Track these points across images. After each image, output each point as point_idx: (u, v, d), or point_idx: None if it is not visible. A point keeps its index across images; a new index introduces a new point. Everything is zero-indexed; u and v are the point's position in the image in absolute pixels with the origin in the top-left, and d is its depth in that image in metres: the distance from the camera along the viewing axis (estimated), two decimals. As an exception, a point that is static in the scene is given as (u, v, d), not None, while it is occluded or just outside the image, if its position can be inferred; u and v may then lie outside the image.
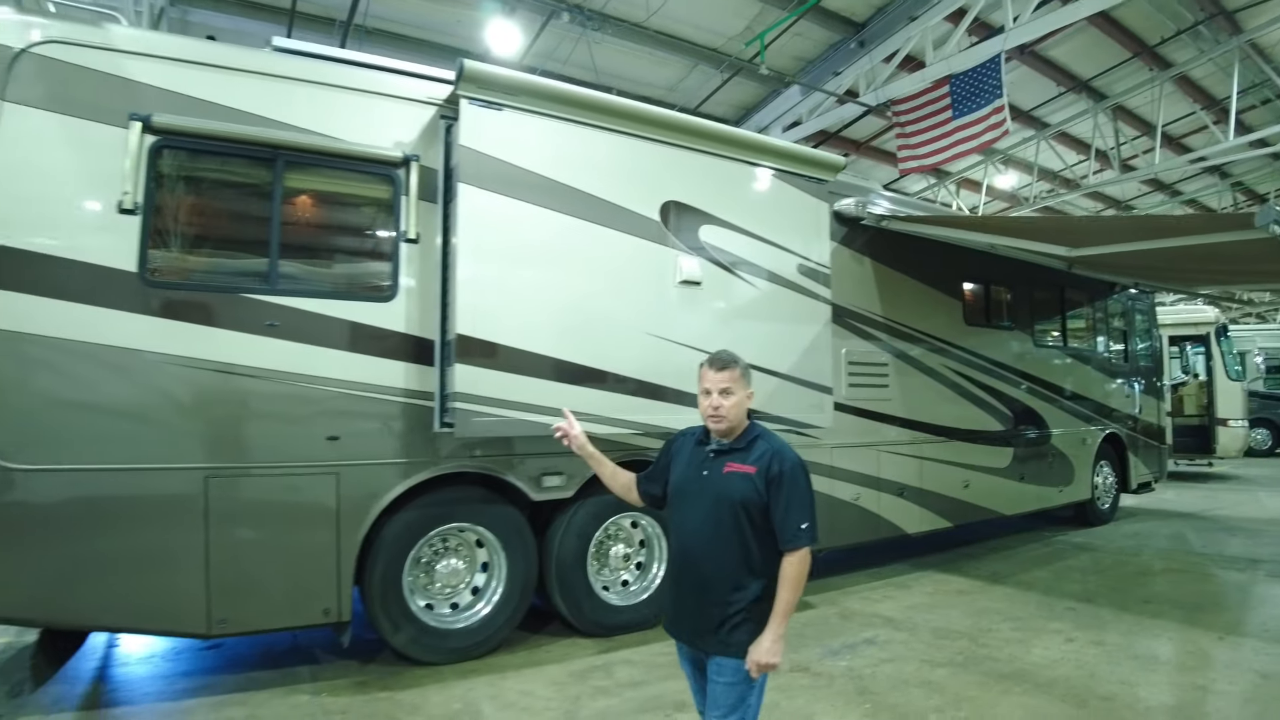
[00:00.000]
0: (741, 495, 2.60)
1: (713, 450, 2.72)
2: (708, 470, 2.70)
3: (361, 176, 4.64)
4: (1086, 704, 4.36)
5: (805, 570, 2.57)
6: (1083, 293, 9.92)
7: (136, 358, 3.98)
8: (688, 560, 2.69)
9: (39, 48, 3.93)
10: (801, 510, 2.58)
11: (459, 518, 4.84)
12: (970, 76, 10.56)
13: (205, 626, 4.11)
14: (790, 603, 2.54)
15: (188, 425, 4.09)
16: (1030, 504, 8.86)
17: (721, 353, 2.77)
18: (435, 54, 10.37)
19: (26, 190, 3.85)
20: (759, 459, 2.63)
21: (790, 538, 2.56)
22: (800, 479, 2.62)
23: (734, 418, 2.68)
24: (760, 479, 2.59)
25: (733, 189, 5.48)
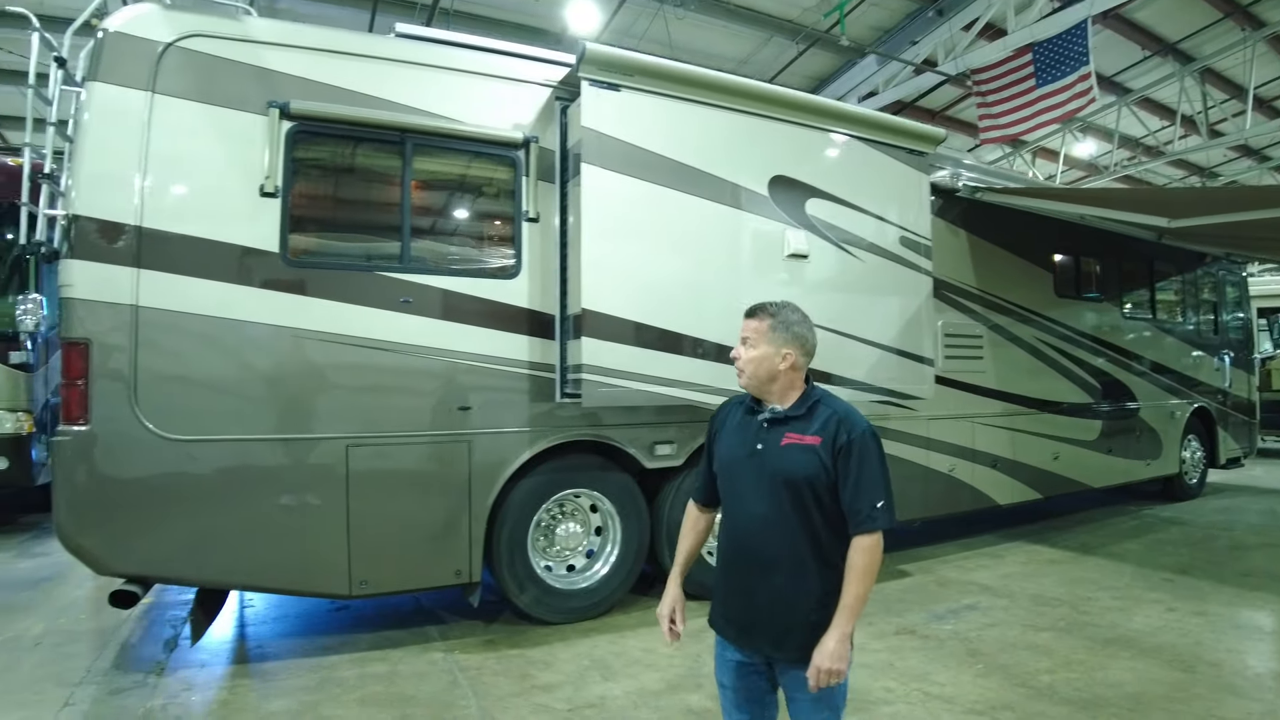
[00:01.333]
0: (805, 472, 2.20)
1: (766, 419, 2.33)
2: (762, 443, 2.30)
3: (485, 159, 4.84)
4: (1194, 669, 4.41)
5: (878, 559, 2.19)
6: (1172, 264, 9.72)
7: (280, 333, 4.24)
8: (745, 552, 2.29)
9: (184, 41, 4.18)
10: (875, 486, 2.18)
11: (578, 484, 5.05)
12: (1054, 44, 10.33)
13: (347, 588, 4.39)
14: (860, 597, 2.15)
15: (329, 397, 4.35)
16: (1118, 477, 8.79)
17: (762, 302, 2.42)
18: (516, 34, 10.50)
19: (177, 177, 4.12)
20: (823, 427, 2.24)
21: (864, 518, 2.17)
22: (872, 449, 2.22)
23: (756, 373, 2.32)
24: (826, 451, 2.21)
25: (837, 162, 5.54)
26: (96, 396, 3.93)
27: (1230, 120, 15.08)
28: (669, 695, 4.02)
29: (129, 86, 4.06)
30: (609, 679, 4.21)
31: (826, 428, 2.24)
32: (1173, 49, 13.54)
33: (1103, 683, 4.26)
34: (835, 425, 2.23)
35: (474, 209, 5.05)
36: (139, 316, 3.99)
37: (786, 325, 2.34)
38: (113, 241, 3.98)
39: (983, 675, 4.34)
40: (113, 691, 4.10)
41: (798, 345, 2.33)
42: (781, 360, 2.31)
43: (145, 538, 4.03)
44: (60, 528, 3.96)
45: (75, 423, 3.91)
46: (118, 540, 4.01)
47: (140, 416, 3.97)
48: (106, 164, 4.03)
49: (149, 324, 4.00)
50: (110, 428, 3.94)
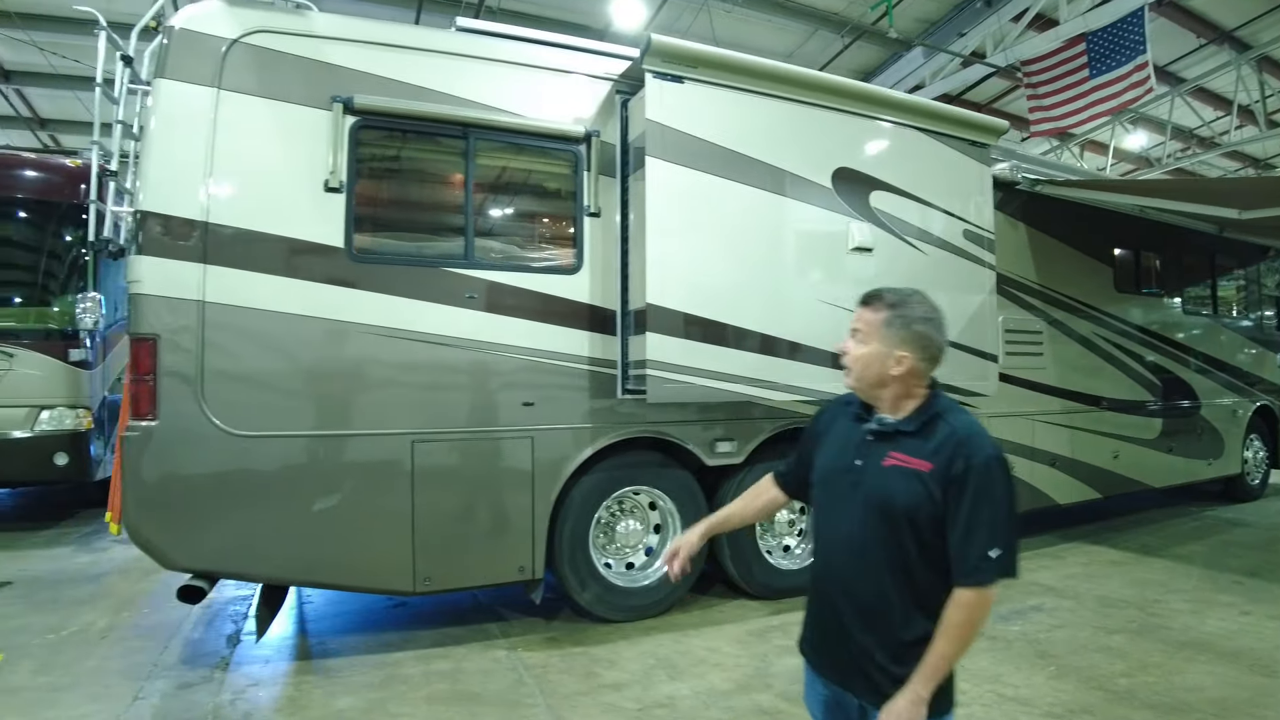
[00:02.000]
0: (905, 501, 1.84)
1: (872, 431, 1.97)
2: (863, 459, 1.95)
3: (546, 153, 4.80)
4: (1276, 673, 4.28)
5: (980, 618, 1.79)
6: (1233, 258, 9.45)
7: (345, 329, 4.24)
8: (831, 582, 2.00)
9: (249, 37, 4.19)
10: (991, 529, 1.77)
11: (638, 481, 5.00)
12: (1109, 33, 10.08)
13: (411, 584, 4.37)
14: (946, 658, 1.78)
15: (394, 393, 4.33)
16: (1178, 477, 8.55)
17: (882, 288, 2.04)
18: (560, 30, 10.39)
19: (243, 173, 4.12)
20: (937, 450, 1.84)
21: (970, 568, 1.78)
22: (996, 482, 1.79)
23: (862, 374, 1.97)
24: (936, 480, 1.82)
25: (900, 154, 5.42)
26: (164, 392, 3.95)
27: (1289, 110, 14.66)
28: (739, 695, 3.95)
29: (195, 83, 4.08)
30: (676, 678, 4.15)
31: (941, 451, 1.83)
32: (1229, 36, 13.16)
33: (1182, 687, 4.14)
34: (953, 449, 1.82)
35: (536, 204, 5.02)
36: (205, 312, 4.01)
37: (906, 321, 1.92)
38: (180, 238, 4.00)
39: (1056, 677, 4.23)
40: (180, 686, 4.12)
41: (917, 347, 1.91)
42: (895, 364, 1.91)
43: (212, 533, 4.04)
44: (129, 522, 3.99)
45: (144, 418, 3.93)
46: (185, 535, 4.03)
47: (207, 412, 3.98)
48: (173, 160, 4.05)
49: (215, 320, 4.02)
50: (178, 423, 3.96)
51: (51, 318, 7.96)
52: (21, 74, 12.96)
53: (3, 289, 8.12)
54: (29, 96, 13.99)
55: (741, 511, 2.38)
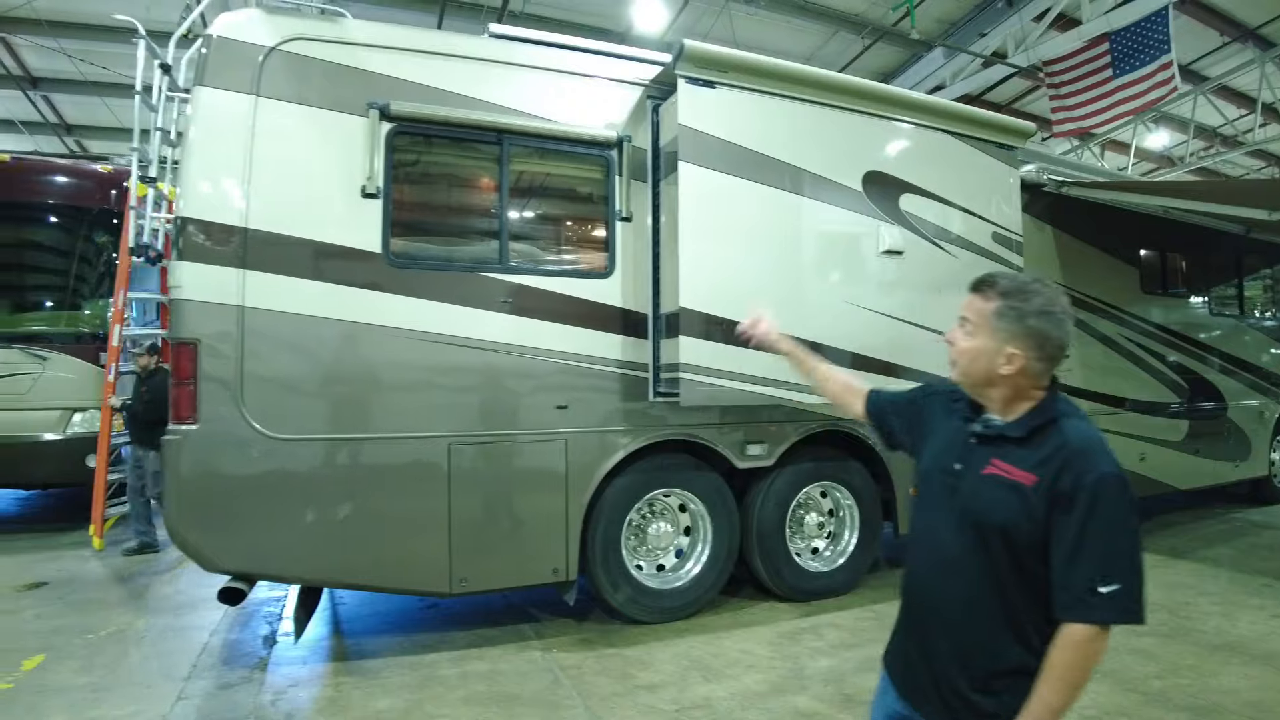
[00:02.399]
0: (1002, 518, 1.62)
1: (975, 434, 1.76)
2: (963, 464, 1.75)
3: (578, 158, 4.84)
4: (1313, 678, 4.24)
5: (1090, 660, 1.56)
6: (1260, 258, 9.37)
7: (382, 333, 4.29)
8: (919, 592, 1.83)
9: (286, 45, 4.25)
10: (1106, 559, 1.52)
11: (668, 483, 5.02)
12: (1132, 32, 10.04)
13: (448, 586, 4.41)
14: (1051, 709, 1.56)
15: (430, 396, 4.38)
16: (1205, 479, 8.47)
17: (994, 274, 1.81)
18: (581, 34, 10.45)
19: (281, 179, 4.18)
20: (1045, 462, 1.61)
21: (1072, 600, 1.54)
22: (1111, 504, 1.54)
23: (968, 368, 1.75)
24: (1039, 496, 1.59)
25: (929, 157, 5.42)
26: (204, 396, 4.00)
27: (1314, 108, 14.53)
28: (775, 697, 3.96)
29: (234, 90, 4.14)
30: (711, 680, 4.16)
31: (1049, 463, 1.60)
32: (1252, 34, 13.05)
33: (1217, 689, 4.14)
34: (1063, 462, 1.58)
35: (568, 209, 5.06)
36: (245, 317, 4.06)
37: (1020, 314, 1.67)
38: (220, 243, 4.06)
39: (1091, 680, 4.20)
40: (221, 686, 4.18)
41: (1033, 344, 1.67)
42: (1005, 362, 1.68)
43: (251, 535, 4.09)
44: (170, 524, 4.05)
45: (184, 422, 3.99)
46: (225, 537, 4.08)
47: (246, 415, 4.04)
48: (213, 167, 4.12)
49: (254, 324, 4.07)
50: (218, 427, 4.02)
51: (83, 322, 8.08)
52: (49, 80, 13.14)
53: (35, 294, 8.24)
54: (55, 102, 14.17)
55: (826, 373, 2.29)
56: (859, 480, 5.61)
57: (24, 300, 8.25)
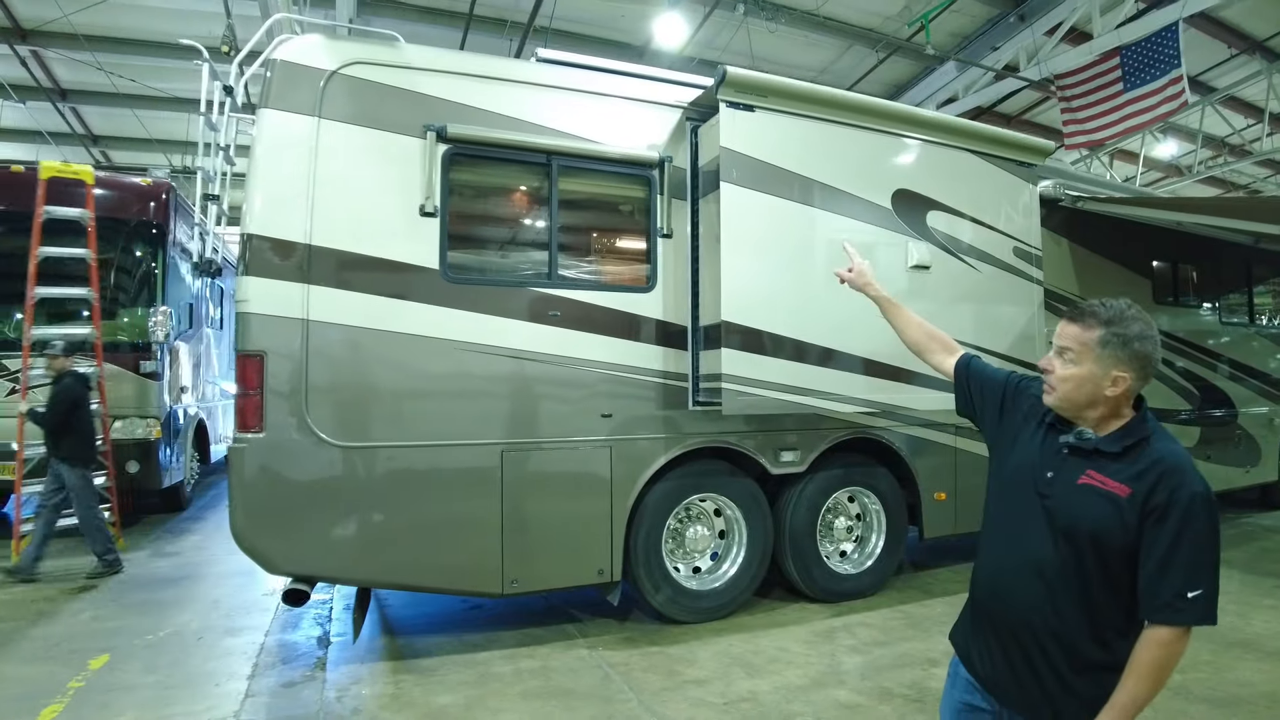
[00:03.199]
0: (1095, 525, 1.76)
1: (1069, 444, 1.87)
2: (1054, 472, 1.87)
3: (622, 178, 5.06)
4: (1322, 670, 4.45)
5: (1174, 659, 1.70)
6: (1270, 267, 9.55)
7: (439, 345, 4.50)
8: (1003, 599, 1.94)
9: (346, 69, 4.47)
10: (1194, 570, 1.67)
11: (707, 488, 5.23)
12: (1143, 47, 10.23)
13: (500, 586, 4.62)
14: (1136, 700, 1.70)
15: (484, 405, 4.60)
16: (1216, 484, 8.37)
17: (1089, 303, 1.88)
18: (603, 48, 10.79)
19: (343, 198, 4.39)
20: (1139, 476, 1.74)
21: (1163, 604, 1.68)
22: (1201, 519, 1.69)
23: (1069, 395, 1.84)
24: (1133, 507, 1.72)
25: (954, 176, 5.63)
26: (270, 405, 4.22)
27: (1320, 118, 14.72)
28: (816, 691, 4.17)
29: (297, 112, 4.36)
30: (753, 675, 4.37)
31: (1144, 478, 1.73)
32: (1260, 46, 13.25)
33: (1234, 683, 4.36)
34: (1156, 477, 1.72)
35: (612, 226, 5.28)
36: (309, 330, 4.28)
37: (1124, 341, 1.79)
38: (285, 259, 4.27)
39: None
40: (285, 684, 4.39)
41: (1137, 367, 1.79)
42: (1110, 385, 1.80)
43: (314, 539, 4.30)
44: (236, 529, 4.24)
45: (251, 430, 4.20)
46: (289, 541, 4.28)
47: (311, 424, 4.25)
48: (278, 186, 4.33)
49: (318, 337, 4.29)
50: (283, 435, 4.23)
51: (123, 330, 8.30)
52: (77, 92, 13.40)
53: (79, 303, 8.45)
54: (83, 113, 14.43)
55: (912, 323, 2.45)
56: (885, 486, 5.82)
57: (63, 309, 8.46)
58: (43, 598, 6.00)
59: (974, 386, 2.23)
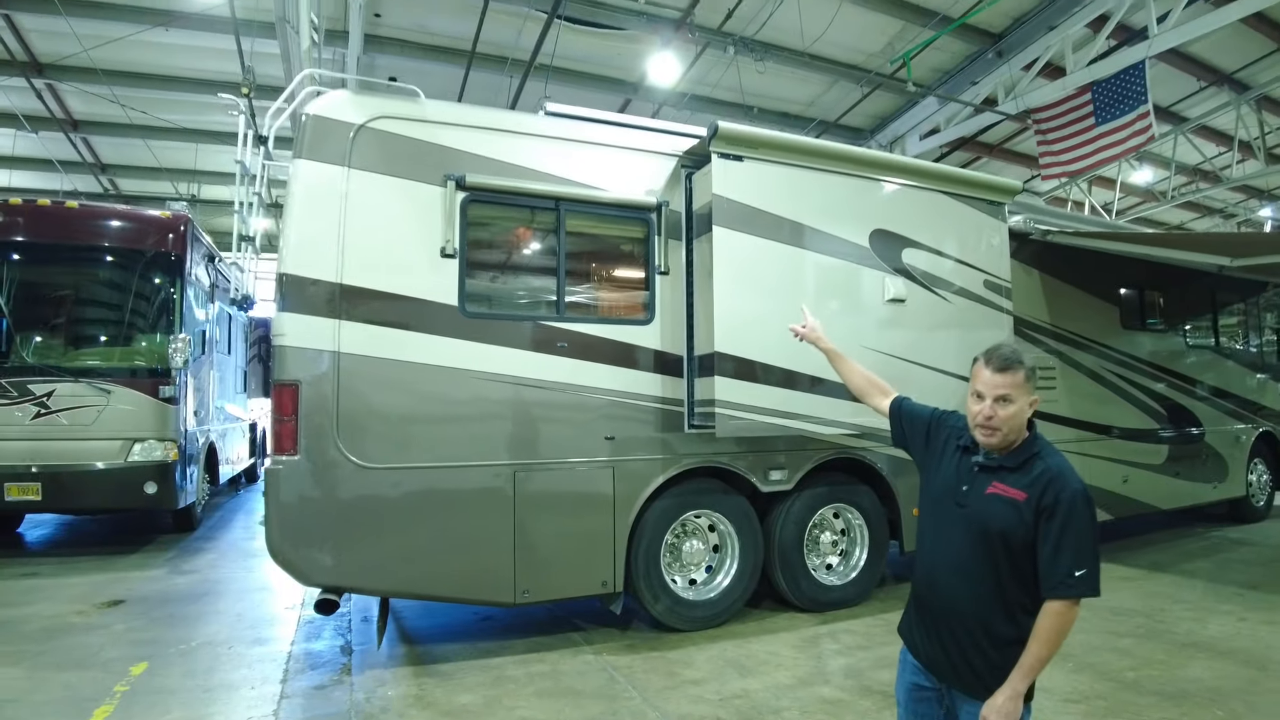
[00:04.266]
0: (1003, 525, 2.20)
1: (978, 463, 2.32)
2: (968, 486, 2.32)
3: (623, 220, 5.53)
4: (1266, 668, 4.95)
5: (1067, 625, 2.14)
6: (1233, 293, 10.07)
7: (458, 374, 4.93)
8: (934, 587, 2.39)
9: (373, 123, 4.92)
10: (1078, 553, 2.11)
11: (700, 506, 5.66)
12: (1113, 83, 10.82)
13: (512, 596, 5.02)
14: (1040, 658, 2.13)
15: (498, 429, 5.03)
16: (1185, 499, 9.11)
17: (1002, 348, 2.30)
18: (600, 85, 11.34)
19: (370, 241, 4.83)
20: (1033, 483, 2.19)
21: (1057, 583, 2.12)
22: (1081, 513, 2.13)
23: (1009, 430, 2.23)
24: (1029, 508, 2.17)
25: (927, 215, 6.12)
26: (304, 430, 4.63)
27: (1287, 144, 15.40)
28: (803, 688, 4.59)
29: (329, 163, 4.80)
30: (745, 676, 4.78)
31: (1036, 484, 2.18)
32: (1228, 79, 13.88)
33: (1183, 679, 4.79)
34: (1045, 483, 2.17)
35: (615, 264, 5.72)
36: (340, 361, 4.70)
37: (1031, 373, 2.26)
38: (318, 297, 4.70)
39: (1074, 672, 4.86)
40: (317, 687, 4.77)
41: (1034, 389, 2.29)
42: (1029, 409, 2.26)
43: (344, 553, 4.70)
44: (271, 543, 4.65)
45: (286, 453, 4.61)
46: (320, 555, 4.68)
47: (341, 447, 4.67)
48: (311, 229, 4.76)
49: (348, 367, 4.71)
50: (315, 457, 4.64)
51: (144, 357, 8.68)
52: (89, 123, 13.85)
53: (102, 330, 8.85)
54: (94, 143, 14.88)
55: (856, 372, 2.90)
56: (868, 503, 6.26)
57: (90, 337, 8.86)
58: (74, 611, 6.35)
59: (905, 423, 2.69)
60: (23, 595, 6.79)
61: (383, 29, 10.66)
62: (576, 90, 11.45)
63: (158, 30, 10.30)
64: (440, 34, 10.86)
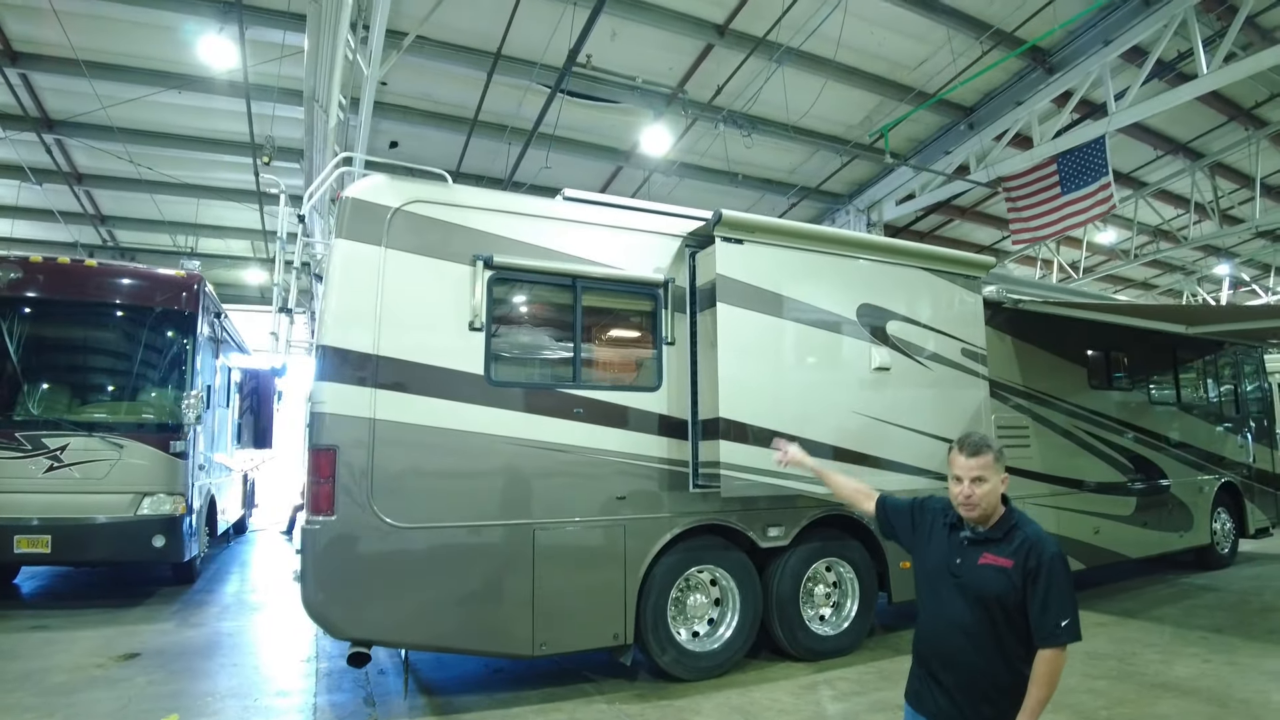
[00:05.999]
0: (998, 590, 2.55)
1: (967, 538, 2.69)
2: (961, 559, 2.67)
3: (634, 295, 6.00)
4: (1227, 705, 5.40)
5: (1060, 668, 2.51)
6: (1193, 351, 10.66)
7: (484, 439, 5.32)
8: (938, 651, 2.71)
9: (408, 206, 5.35)
10: (1061, 606, 2.49)
11: (704, 561, 6.03)
12: (1076, 155, 11.54)
13: (531, 648, 5.34)
14: (1040, 701, 2.48)
15: (520, 490, 5.40)
16: (1153, 548, 9.56)
17: (972, 436, 2.71)
18: (595, 153, 11.91)
19: (406, 315, 5.24)
20: (1016, 550, 2.57)
21: (1047, 635, 2.50)
22: (1059, 571, 2.53)
23: (987, 505, 2.64)
24: (1017, 573, 2.54)
25: (909, 289, 6.65)
26: (341, 492, 4.97)
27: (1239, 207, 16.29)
28: (805, 735, 4.95)
29: (366, 242, 5.22)
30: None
31: (1019, 551, 2.56)
32: (1183, 148, 14.77)
33: (1152, 716, 5.22)
34: (1027, 550, 2.55)
35: (626, 335, 6.18)
36: (375, 428, 5.06)
37: (999, 454, 2.67)
38: (354, 367, 5.09)
39: (1052, 712, 5.05)
40: (349, 733, 5.05)
41: (1003, 468, 2.69)
42: (1001, 485, 2.67)
43: (376, 608, 5.02)
44: (307, 600, 4.95)
45: (323, 514, 4.95)
46: (353, 610, 4.99)
47: (375, 509, 5.01)
48: (350, 304, 5.16)
49: (383, 433, 5.08)
50: (351, 518, 4.98)
51: (156, 411, 8.94)
52: (92, 177, 14.20)
53: (116, 385, 9.11)
54: (95, 196, 15.21)
55: (842, 484, 3.34)
56: (858, 557, 6.67)
57: (105, 392, 9.11)
58: (93, 664, 6.55)
59: (890, 516, 3.12)
60: (38, 648, 6.97)
61: (388, 96, 11.16)
62: (573, 158, 12.05)
63: (170, 92, 10.74)
64: (444, 102, 11.40)
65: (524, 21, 9.08)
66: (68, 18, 9.14)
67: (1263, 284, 22.29)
